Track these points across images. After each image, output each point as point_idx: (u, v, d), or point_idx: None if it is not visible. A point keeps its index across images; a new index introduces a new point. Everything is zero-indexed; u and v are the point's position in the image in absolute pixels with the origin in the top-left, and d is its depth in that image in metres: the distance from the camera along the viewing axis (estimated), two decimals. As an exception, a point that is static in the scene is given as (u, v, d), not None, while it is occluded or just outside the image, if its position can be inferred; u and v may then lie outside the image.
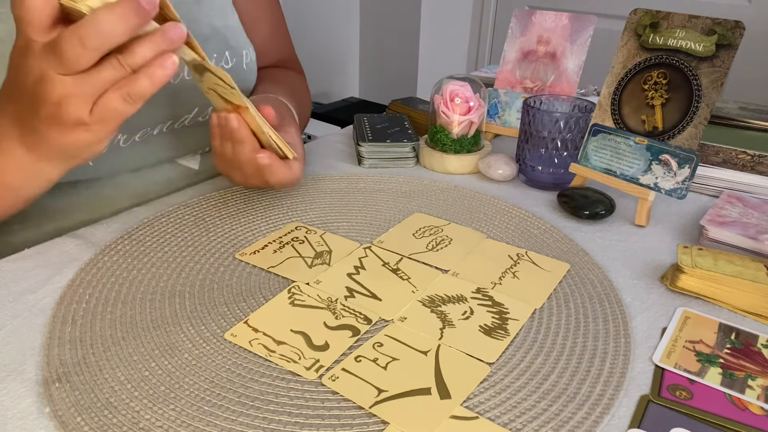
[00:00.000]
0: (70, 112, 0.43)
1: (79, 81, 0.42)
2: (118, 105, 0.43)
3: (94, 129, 0.45)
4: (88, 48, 0.41)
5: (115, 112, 0.44)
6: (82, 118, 0.43)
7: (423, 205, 0.66)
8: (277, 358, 0.42)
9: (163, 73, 0.43)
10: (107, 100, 0.43)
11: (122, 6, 0.41)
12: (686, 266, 0.50)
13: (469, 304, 0.49)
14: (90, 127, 0.44)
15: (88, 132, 0.45)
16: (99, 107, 0.43)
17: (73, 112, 0.43)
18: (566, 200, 0.65)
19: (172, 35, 0.43)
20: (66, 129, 0.44)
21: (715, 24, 0.61)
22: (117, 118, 0.45)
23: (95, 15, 0.41)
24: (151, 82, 0.43)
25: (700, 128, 0.60)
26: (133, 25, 0.41)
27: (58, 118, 0.44)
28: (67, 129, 0.44)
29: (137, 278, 0.52)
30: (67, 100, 0.43)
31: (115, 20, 0.41)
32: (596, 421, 0.38)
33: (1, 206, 0.52)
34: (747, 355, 0.44)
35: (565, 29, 0.78)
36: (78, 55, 0.41)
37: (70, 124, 0.44)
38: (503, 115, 0.81)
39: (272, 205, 0.65)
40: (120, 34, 0.41)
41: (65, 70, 0.42)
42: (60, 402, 0.38)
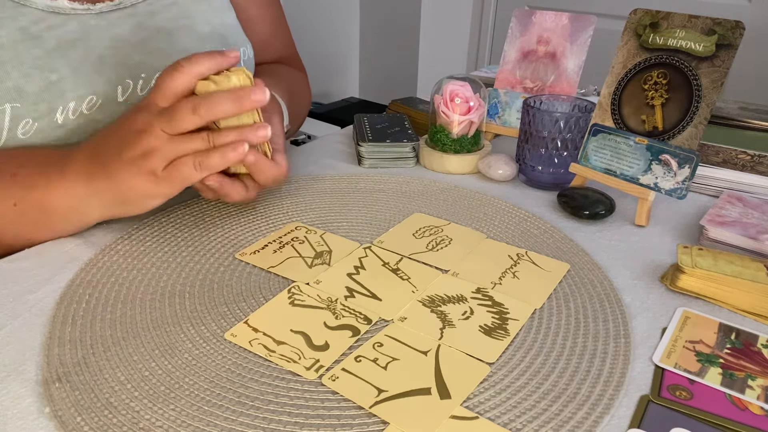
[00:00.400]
0: (151, 162, 0.50)
1: (171, 141, 0.49)
2: (188, 169, 0.50)
3: (159, 183, 0.50)
4: (196, 114, 0.49)
5: (182, 175, 0.50)
6: (157, 170, 0.50)
7: (423, 205, 0.66)
8: (277, 358, 0.42)
9: (234, 156, 0.50)
10: (182, 162, 0.50)
11: (239, 91, 0.49)
12: (686, 266, 0.50)
13: (469, 304, 0.49)
14: (157, 181, 0.50)
15: (152, 184, 0.51)
16: (173, 165, 0.50)
17: (153, 163, 0.50)
18: (566, 200, 0.65)
19: (260, 133, 0.51)
20: (138, 175, 0.50)
21: (715, 24, 0.61)
22: (181, 181, 0.51)
23: (215, 93, 0.50)
24: (221, 159, 0.50)
25: (700, 128, 0.61)
26: (241, 110, 0.50)
27: (137, 164, 0.50)
28: (139, 175, 0.50)
29: (137, 278, 0.52)
30: (153, 152, 0.49)
31: (228, 100, 0.49)
32: (596, 421, 0.38)
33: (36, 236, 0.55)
34: (747, 355, 0.44)
35: (565, 29, 0.78)
36: (185, 119, 0.49)
37: (144, 172, 0.50)
38: (503, 115, 0.81)
39: (272, 205, 0.65)
40: (227, 113, 0.50)
41: (170, 128, 0.49)
42: (60, 402, 0.38)
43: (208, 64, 0.51)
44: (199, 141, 0.50)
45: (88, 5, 0.60)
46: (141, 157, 0.50)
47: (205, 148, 0.50)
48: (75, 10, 0.59)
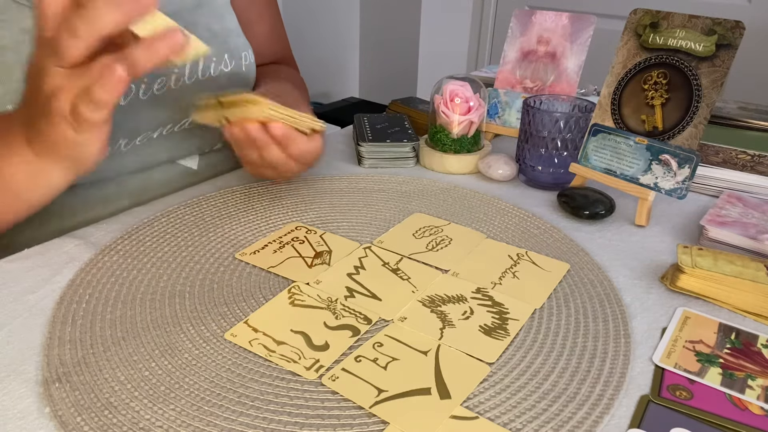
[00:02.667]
0: (55, 105, 0.43)
1: (70, 76, 0.42)
2: (84, 112, 0.43)
3: (78, 130, 0.44)
4: (78, 36, 0.41)
5: (81, 114, 0.43)
6: (66, 114, 0.43)
7: (423, 205, 0.66)
8: (277, 358, 0.42)
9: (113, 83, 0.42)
10: (75, 105, 0.43)
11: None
12: (686, 266, 0.50)
13: (469, 304, 0.49)
14: (71, 125, 0.44)
15: (72, 129, 0.44)
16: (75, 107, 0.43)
17: (58, 105, 0.43)
18: (566, 200, 0.65)
19: (170, 38, 0.42)
20: (53, 122, 0.44)
21: (715, 24, 0.61)
22: (89, 125, 0.44)
23: (90, 3, 0.40)
24: (104, 90, 0.42)
25: (700, 128, 0.60)
26: (128, 14, 0.41)
27: (48, 111, 0.44)
28: (54, 122, 0.44)
29: (137, 278, 0.52)
30: (57, 94, 0.43)
31: (108, 5, 0.40)
32: (596, 421, 0.38)
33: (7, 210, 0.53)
34: (747, 355, 0.44)
35: (565, 29, 0.78)
36: (69, 45, 0.41)
37: (56, 117, 0.44)
38: (503, 115, 0.81)
39: (272, 205, 0.65)
40: (113, 21, 0.41)
41: (59, 61, 0.42)
42: (60, 402, 0.38)
43: None
44: (96, 69, 0.42)
45: None
46: (48, 101, 0.43)
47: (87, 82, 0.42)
48: None
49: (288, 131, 0.54)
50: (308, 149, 0.57)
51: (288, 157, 0.57)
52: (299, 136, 0.55)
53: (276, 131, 0.53)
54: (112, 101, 0.43)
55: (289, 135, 0.54)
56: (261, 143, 0.55)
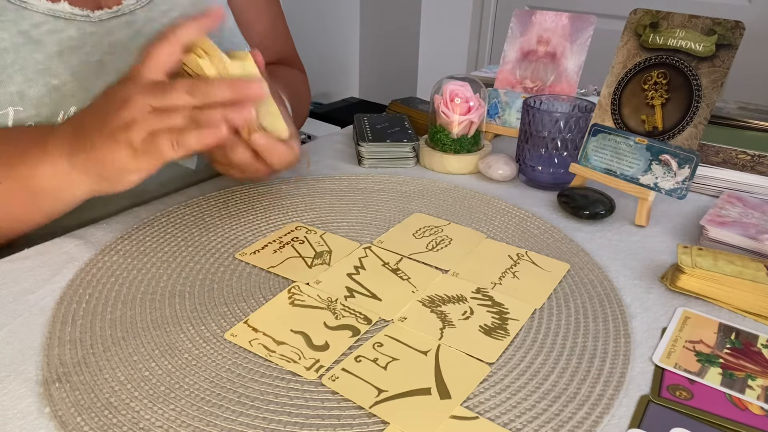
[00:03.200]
0: (130, 133, 0.47)
1: (154, 114, 0.47)
2: (164, 144, 0.47)
3: (136, 157, 0.48)
4: (191, 98, 0.47)
5: (158, 150, 0.47)
6: (135, 143, 0.47)
7: (423, 205, 0.66)
8: (277, 358, 0.42)
9: (212, 137, 0.47)
10: (159, 136, 0.47)
11: (237, 82, 0.48)
12: (686, 266, 0.50)
13: (469, 304, 0.49)
14: (135, 154, 0.48)
15: (129, 157, 0.48)
16: (151, 139, 0.47)
17: (132, 134, 0.47)
18: (566, 200, 0.65)
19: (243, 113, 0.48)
20: (116, 145, 0.48)
21: (715, 24, 0.61)
22: (158, 156, 0.48)
23: (214, 79, 0.49)
24: (197, 139, 0.47)
25: (700, 128, 0.60)
26: (236, 98, 0.48)
27: (116, 135, 0.48)
28: (117, 146, 0.48)
29: (137, 278, 0.52)
30: (134, 124, 0.47)
31: (225, 88, 0.48)
32: (596, 421, 0.38)
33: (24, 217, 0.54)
34: (747, 355, 0.44)
35: (565, 29, 0.78)
36: (179, 99, 0.47)
37: (124, 143, 0.48)
38: (503, 115, 0.81)
39: (272, 205, 0.65)
40: (221, 99, 0.48)
41: (159, 103, 0.47)
42: (60, 402, 0.38)
43: (193, 27, 0.49)
44: (181, 117, 0.48)
45: (87, 12, 0.60)
46: (121, 129, 0.47)
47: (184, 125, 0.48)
48: (74, 16, 0.59)
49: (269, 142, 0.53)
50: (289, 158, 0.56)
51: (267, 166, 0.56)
52: (279, 146, 0.54)
53: (257, 142, 0.53)
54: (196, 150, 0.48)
55: (269, 146, 0.53)
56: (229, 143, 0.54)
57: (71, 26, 0.59)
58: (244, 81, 0.49)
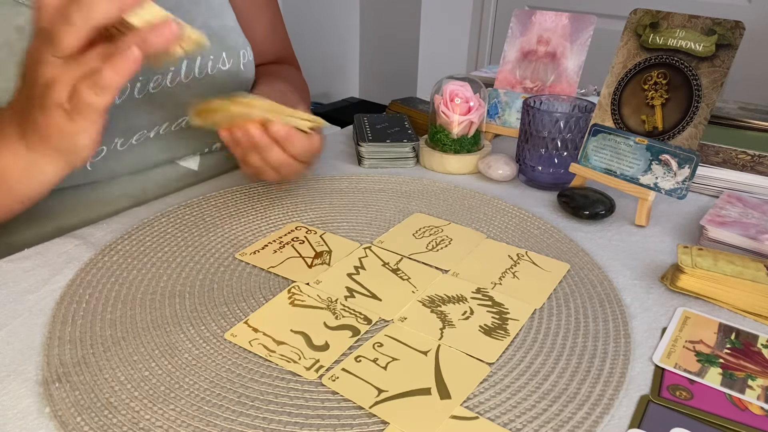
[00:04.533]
0: (53, 94, 0.43)
1: (66, 65, 0.43)
2: (88, 96, 0.43)
3: (74, 119, 0.44)
4: (73, 25, 0.41)
5: (85, 102, 0.43)
6: (62, 102, 0.44)
7: (423, 205, 0.66)
8: (277, 358, 0.42)
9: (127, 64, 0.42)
10: (78, 90, 0.43)
11: None
12: (686, 266, 0.50)
13: (469, 304, 0.49)
14: (70, 116, 0.44)
15: (69, 120, 0.45)
16: (74, 93, 0.43)
17: (55, 95, 0.43)
18: (566, 200, 0.65)
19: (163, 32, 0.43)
20: (49, 112, 0.44)
21: (715, 24, 0.61)
22: (91, 110, 0.44)
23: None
24: (114, 73, 0.42)
25: (700, 128, 0.60)
26: (118, 5, 0.42)
27: (43, 101, 0.44)
28: (50, 112, 0.44)
29: (137, 278, 0.52)
30: (53, 83, 0.43)
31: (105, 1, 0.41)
32: (596, 421, 0.38)
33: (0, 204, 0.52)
34: (747, 355, 0.44)
35: (565, 29, 0.78)
36: (64, 33, 0.41)
37: (52, 107, 0.44)
38: (503, 115, 0.81)
39: (272, 205, 0.65)
40: (103, 12, 0.42)
41: (55, 50, 0.42)
42: (60, 402, 0.38)
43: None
44: (93, 58, 0.43)
45: None
46: (44, 91, 0.44)
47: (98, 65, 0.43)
48: None
49: (289, 131, 0.54)
50: (309, 147, 0.57)
51: (289, 157, 0.57)
52: (299, 135, 0.56)
53: (277, 132, 0.54)
54: (120, 84, 0.43)
55: (290, 135, 0.54)
56: (262, 145, 0.55)
57: None
58: None
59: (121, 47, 0.42)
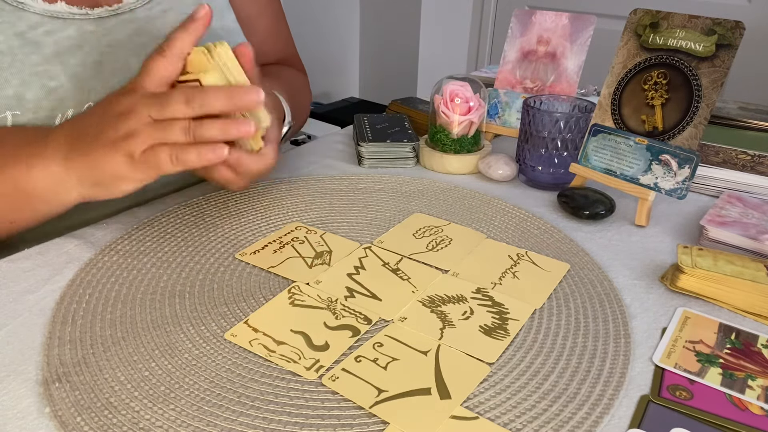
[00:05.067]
0: (131, 143, 0.48)
1: (155, 126, 0.48)
2: (164, 158, 0.48)
3: (134, 167, 0.49)
4: (190, 109, 0.48)
5: (157, 162, 0.48)
6: (135, 153, 0.48)
7: (423, 205, 0.66)
8: (277, 358, 0.42)
9: (212, 156, 0.49)
10: (160, 150, 0.48)
11: (234, 90, 0.49)
12: (686, 266, 0.50)
13: (469, 304, 0.49)
14: (133, 164, 0.49)
15: (127, 167, 0.49)
16: (151, 151, 0.48)
17: (133, 145, 0.48)
18: (566, 200, 0.65)
19: (242, 129, 0.49)
20: (115, 155, 0.49)
21: (715, 24, 0.61)
22: (156, 168, 0.49)
23: (211, 87, 0.49)
24: (197, 157, 0.48)
25: (700, 128, 0.60)
26: (233, 108, 0.49)
27: (117, 145, 0.48)
28: (116, 156, 0.49)
29: (137, 278, 0.52)
30: (135, 135, 0.48)
31: (223, 98, 0.48)
32: (596, 421, 0.38)
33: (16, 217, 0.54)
34: (747, 355, 0.44)
35: (565, 29, 0.78)
36: (178, 111, 0.48)
37: (122, 153, 0.48)
38: (503, 115, 0.81)
39: (272, 205, 0.65)
40: (219, 109, 0.48)
41: (158, 114, 0.48)
42: (60, 402, 0.38)
43: (188, 38, 0.50)
44: (181, 133, 0.48)
45: (86, 10, 0.60)
46: (122, 139, 0.48)
47: (184, 140, 0.49)
48: (73, 15, 0.59)
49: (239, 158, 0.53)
50: (257, 169, 0.55)
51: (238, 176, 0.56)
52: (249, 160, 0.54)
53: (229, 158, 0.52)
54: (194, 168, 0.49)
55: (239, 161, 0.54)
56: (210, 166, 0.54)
57: (70, 26, 0.58)
58: (241, 89, 0.49)
59: (208, 137, 0.48)
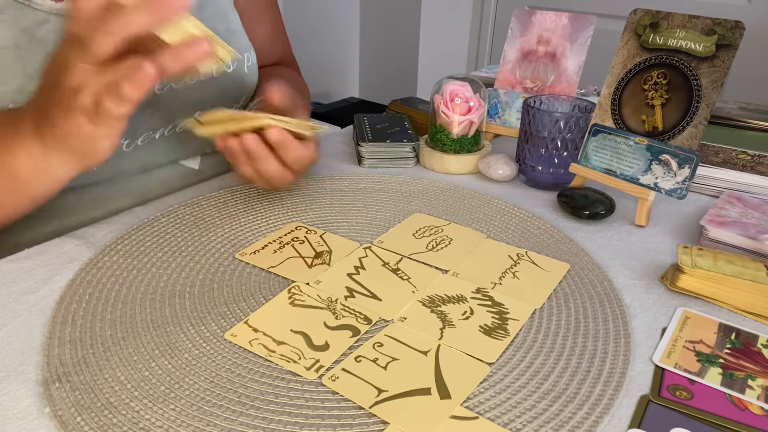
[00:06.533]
0: (78, 99, 0.44)
1: (95, 73, 0.44)
2: (109, 105, 0.44)
3: (96, 123, 0.46)
4: (109, 34, 0.42)
5: (105, 109, 0.45)
6: (86, 107, 0.45)
7: (423, 205, 0.66)
8: (277, 358, 0.42)
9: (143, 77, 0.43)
10: (100, 98, 0.44)
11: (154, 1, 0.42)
12: (686, 266, 0.50)
13: (469, 304, 0.49)
14: (93, 121, 0.46)
15: (90, 124, 0.46)
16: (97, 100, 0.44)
17: (81, 100, 0.44)
18: (566, 200, 0.65)
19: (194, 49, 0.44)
20: (72, 115, 0.45)
21: (715, 24, 0.61)
22: (111, 118, 0.45)
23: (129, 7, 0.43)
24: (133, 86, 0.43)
25: (700, 128, 0.60)
26: (159, 17, 0.43)
27: (69, 104, 0.45)
28: (73, 115, 0.45)
29: (137, 278, 0.52)
30: (80, 88, 0.44)
31: (138, 9, 0.42)
32: (596, 421, 0.38)
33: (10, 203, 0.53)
34: (747, 355, 0.44)
35: (565, 29, 0.78)
36: (99, 41, 0.43)
37: (76, 111, 0.45)
38: (503, 115, 0.81)
39: (272, 205, 0.65)
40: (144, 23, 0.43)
41: (86, 57, 0.43)
42: (60, 402, 0.38)
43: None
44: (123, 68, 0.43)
45: None
46: (71, 97, 0.45)
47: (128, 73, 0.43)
48: None
49: (284, 136, 0.54)
50: (304, 155, 0.56)
51: (283, 166, 0.56)
52: (294, 142, 0.55)
53: (272, 137, 0.53)
54: (138, 98, 0.44)
55: (285, 140, 0.54)
56: (256, 155, 0.54)
57: None
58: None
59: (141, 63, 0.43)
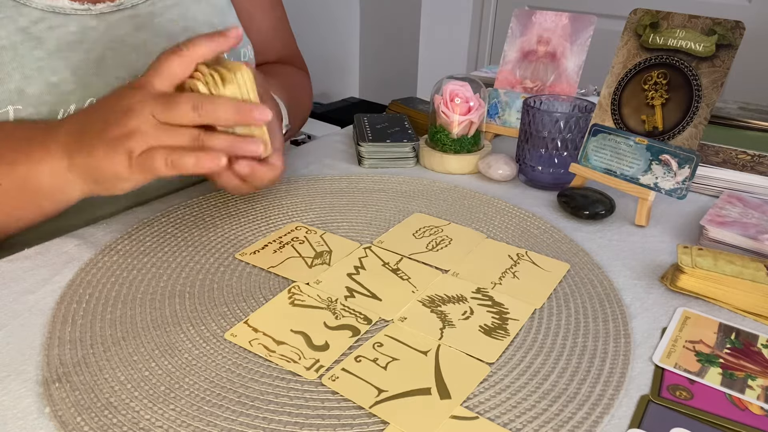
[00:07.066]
0: (130, 143, 0.47)
1: (157, 128, 0.47)
2: (159, 162, 0.47)
3: (131, 168, 0.48)
4: (197, 115, 0.47)
5: (152, 165, 0.47)
6: (133, 153, 0.47)
7: (423, 205, 0.66)
8: (277, 358, 0.42)
9: (209, 165, 0.47)
10: (156, 152, 0.47)
11: (243, 105, 0.48)
12: (686, 266, 0.50)
13: (469, 304, 0.49)
14: (130, 165, 0.48)
15: (124, 167, 0.48)
16: (147, 153, 0.47)
17: (132, 145, 0.47)
18: (566, 200, 0.65)
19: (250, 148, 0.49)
20: (114, 154, 0.48)
21: (715, 24, 0.61)
22: (150, 171, 0.48)
23: (221, 98, 0.48)
24: (195, 164, 0.47)
25: (700, 128, 0.60)
26: (241, 122, 0.49)
27: (117, 143, 0.47)
28: (115, 155, 0.48)
29: (137, 278, 0.52)
30: (137, 134, 0.47)
31: (231, 110, 0.48)
32: (596, 421, 0.38)
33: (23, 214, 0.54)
34: (747, 355, 0.44)
35: (565, 29, 0.78)
36: (184, 116, 0.47)
37: (122, 152, 0.48)
38: (503, 115, 0.81)
39: (272, 205, 0.65)
40: (227, 121, 0.48)
41: (163, 116, 0.47)
42: (60, 402, 0.38)
43: (209, 47, 0.49)
44: (186, 137, 0.48)
45: (88, 5, 0.60)
46: (123, 137, 0.47)
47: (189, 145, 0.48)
48: (75, 11, 0.59)
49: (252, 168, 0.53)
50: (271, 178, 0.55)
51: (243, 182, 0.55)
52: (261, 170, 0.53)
53: (241, 171, 0.52)
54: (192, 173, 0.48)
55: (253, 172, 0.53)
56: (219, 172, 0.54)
57: (71, 21, 0.58)
58: (250, 105, 0.49)
59: (218, 155, 0.47)
